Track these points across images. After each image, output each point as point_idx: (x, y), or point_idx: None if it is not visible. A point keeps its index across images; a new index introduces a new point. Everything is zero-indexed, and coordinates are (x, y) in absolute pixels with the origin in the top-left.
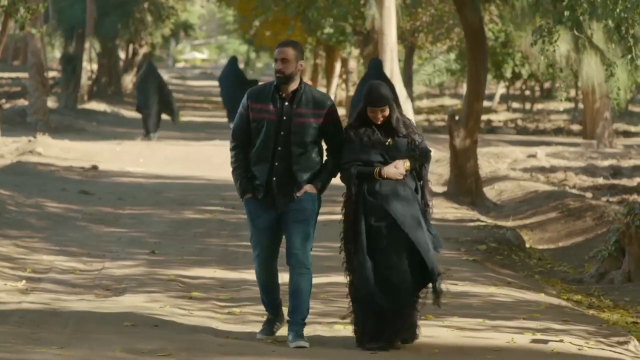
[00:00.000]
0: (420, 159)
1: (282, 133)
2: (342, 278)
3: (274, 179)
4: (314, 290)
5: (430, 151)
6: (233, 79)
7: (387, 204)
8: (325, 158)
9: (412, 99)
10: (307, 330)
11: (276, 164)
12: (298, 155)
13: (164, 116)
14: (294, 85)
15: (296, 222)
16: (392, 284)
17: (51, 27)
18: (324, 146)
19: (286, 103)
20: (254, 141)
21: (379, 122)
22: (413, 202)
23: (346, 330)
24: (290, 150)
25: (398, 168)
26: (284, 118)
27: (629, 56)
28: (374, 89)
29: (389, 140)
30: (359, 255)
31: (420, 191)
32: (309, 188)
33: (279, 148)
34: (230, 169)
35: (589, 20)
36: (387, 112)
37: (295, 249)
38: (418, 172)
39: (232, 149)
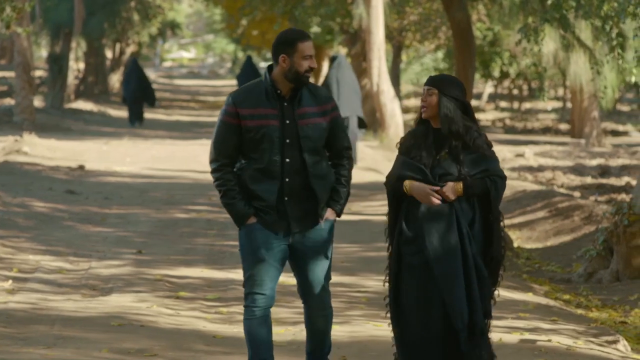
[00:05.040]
0: (476, 186)
1: (287, 141)
2: (338, 278)
3: (286, 198)
4: None
5: (502, 178)
6: (252, 77)
7: (423, 235)
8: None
9: (400, 98)
10: (296, 330)
11: (287, 179)
12: (313, 165)
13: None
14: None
15: (316, 256)
16: (417, 337)
17: (38, 26)
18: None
19: (285, 104)
20: (250, 156)
21: (423, 110)
22: (456, 239)
23: (334, 330)
24: (303, 159)
25: (446, 192)
26: (287, 122)
27: (612, 55)
28: (436, 75)
29: (442, 153)
30: (393, 301)
31: (481, 228)
32: (329, 214)
33: (287, 160)
34: (219, 194)
35: (576, 19)
36: (434, 99)
37: (317, 288)
38: (484, 203)
39: (216, 170)
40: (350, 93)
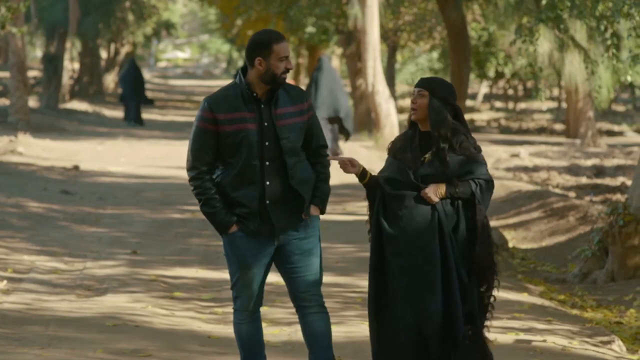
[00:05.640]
0: (460, 188)
1: (266, 143)
2: (333, 278)
3: (268, 202)
4: None
5: (487, 182)
6: None
7: (402, 237)
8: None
9: (395, 98)
10: (291, 330)
11: (267, 182)
12: (293, 166)
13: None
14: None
15: (303, 254)
16: (397, 340)
17: (33, 26)
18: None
19: (262, 106)
20: (228, 161)
21: (412, 112)
22: (436, 243)
23: (333, 332)
24: (284, 161)
25: (427, 193)
26: (265, 124)
27: (606, 54)
28: (427, 77)
29: (427, 155)
30: (370, 297)
31: (466, 233)
32: (313, 210)
33: (267, 163)
34: (198, 203)
35: (571, 19)
36: (424, 101)
37: (308, 286)
38: (470, 207)
39: (196, 177)
40: (328, 95)
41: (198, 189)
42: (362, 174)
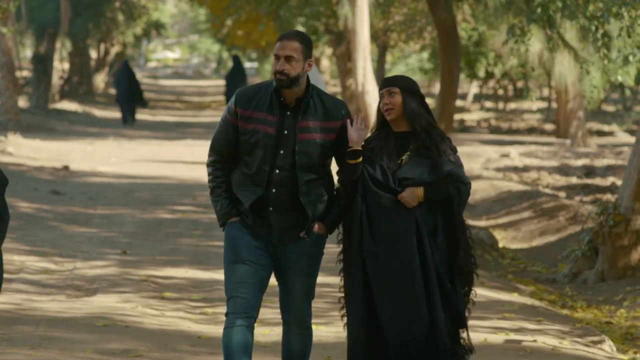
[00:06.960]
0: (438, 191)
1: (281, 152)
2: (323, 278)
3: (271, 208)
4: None
5: (466, 184)
6: (237, 78)
7: (378, 239)
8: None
9: None
10: (280, 331)
11: (273, 190)
12: (307, 183)
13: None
14: (299, 91)
15: (298, 270)
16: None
17: (23, 26)
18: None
19: (288, 112)
20: (243, 158)
21: (387, 113)
22: (414, 248)
23: (319, 330)
24: (296, 175)
25: (405, 197)
26: (285, 132)
27: (597, 54)
28: (390, 76)
29: (403, 157)
30: (350, 289)
31: (445, 237)
32: (317, 228)
33: (277, 171)
34: (209, 190)
35: (562, 19)
36: (398, 99)
37: (294, 303)
38: (447, 210)
39: (210, 164)
40: None
41: (209, 176)
42: (358, 153)
